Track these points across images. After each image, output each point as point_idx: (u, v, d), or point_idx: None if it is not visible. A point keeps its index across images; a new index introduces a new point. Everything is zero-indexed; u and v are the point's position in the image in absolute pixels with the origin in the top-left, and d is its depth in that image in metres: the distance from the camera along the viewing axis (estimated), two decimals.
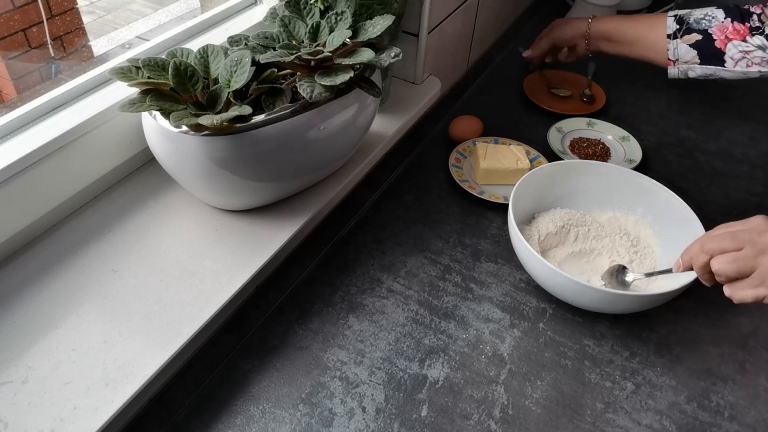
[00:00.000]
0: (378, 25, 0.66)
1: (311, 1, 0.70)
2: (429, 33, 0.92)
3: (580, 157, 0.97)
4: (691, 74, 0.85)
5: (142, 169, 0.77)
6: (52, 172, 0.66)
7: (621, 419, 0.64)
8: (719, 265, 0.58)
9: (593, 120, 1.05)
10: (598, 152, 0.99)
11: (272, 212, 0.74)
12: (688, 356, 0.71)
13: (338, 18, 0.67)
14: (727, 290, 0.59)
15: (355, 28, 0.67)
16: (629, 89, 1.16)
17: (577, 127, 1.04)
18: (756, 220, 0.59)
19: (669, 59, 0.86)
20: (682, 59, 0.85)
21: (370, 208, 0.88)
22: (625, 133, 1.02)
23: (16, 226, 0.65)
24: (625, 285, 0.72)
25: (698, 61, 0.84)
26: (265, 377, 0.66)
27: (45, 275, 0.64)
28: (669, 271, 0.67)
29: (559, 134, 1.02)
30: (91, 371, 0.57)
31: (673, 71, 0.88)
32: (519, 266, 0.79)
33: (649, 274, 0.71)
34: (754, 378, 0.69)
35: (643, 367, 0.69)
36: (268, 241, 0.70)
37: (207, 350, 0.65)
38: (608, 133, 1.03)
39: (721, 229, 0.61)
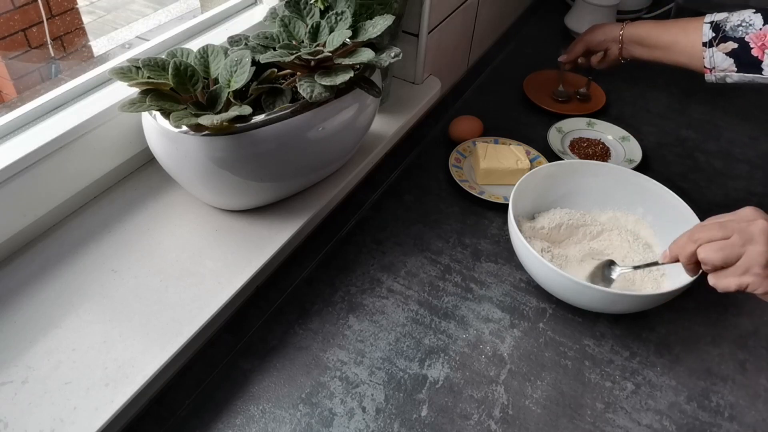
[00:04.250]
0: (378, 25, 0.66)
1: (311, 1, 0.70)
2: (429, 33, 0.92)
3: (580, 157, 0.97)
4: (729, 80, 0.84)
5: (142, 169, 0.77)
6: (52, 172, 0.66)
7: (621, 419, 0.64)
8: (705, 253, 0.58)
9: (593, 120, 1.05)
10: (598, 152, 0.99)
11: (272, 212, 0.74)
12: (688, 356, 0.71)
13: (338, 18, 0.67)
14: (712, 279, 0.59)
15: (355, 28, 0.67)
16: (629, 89, 1.16)
17: (577, 127, 1.04)
18: (746, 211, 0.59)
19: (705, 67, 0.85)
20: (719, 67, 0.83)
21: (370, 208, 0.88)
22: (625, 133, 1.02)
23: (16, 226, 0.65)
24: (610, 280, 0.72)
25: (735, 69, 0.83)
26: (265, 377, 0.66)
27: (45, 275, 0.64)
28: (656, 263, 0.67)
29: (559, 134, 1.02)
30: (91, 371, 0.57)
31: (710, 78, 0.86)
32: (519, 266, 0.79)
33: (636, 267, 0.71)
34: (754, 378, 0.69)
35: (643, 367, 0.69)
36: (268, 241, 0.70)
37: (207, 350, 0.65)
38: (608, 133, 1.03)
39: (712, 220, 0.61)
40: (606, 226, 0.81)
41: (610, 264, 0.73)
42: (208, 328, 0.62)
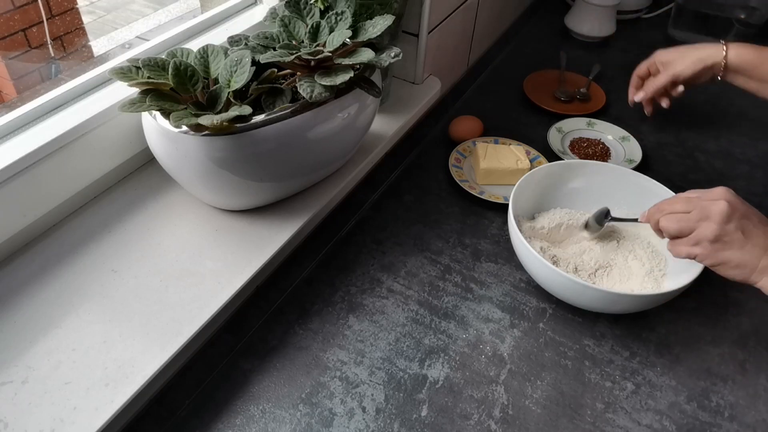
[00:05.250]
0: (378, 25, 0.66)
1: (311, 1, 0.70)
2: (429, 33, 0.92)
3: (580, 157, 0.97)
4: None
5: (142, 169, 0.77)
6: (52, 172, 0.66)
7: (621, 419, 0.64)
8: (664, 222, 0.65)
9: (593, 120, 1.04)
10: (598, 152, 0.98)
11: (272, 212, 0.74)
12: (688, 356, 0.71)
13: (338, 18, 0.67)
14: (668, 245, 0.66)
15: (355, 28, 0.67)
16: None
17: (577, 127, 1.04)
18: (716, 190, 0.63)
19: None
20: None
21: (370, 208, 0.88)
22: (625, 133, 1.01)
23: (16, 226, 0.65)
24: (596, 228, 0.78)
25: None
26: (265, 377, 0.66)
27: (45, 275, 0.64)
28: (635, 219, 0.73)
29: (559, 134, 1.01)
30: (91, 371, 0.57)
31: None
32: (519, 266, 0.79)
33: (617, 219, 0.78)
34: (754, 378, 0.69)
35: (643, 367, 0.69)
36: (268, 241, 0.70)
37: (207, 350, 0.65)
38: (608, 133, 1.03)
39: (683, 195, 0.66)
40: (606, 226, 0.81)
41: (606, 214, 0.77)
42: (208, 328, 0.62)
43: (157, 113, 0.62)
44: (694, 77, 0.89)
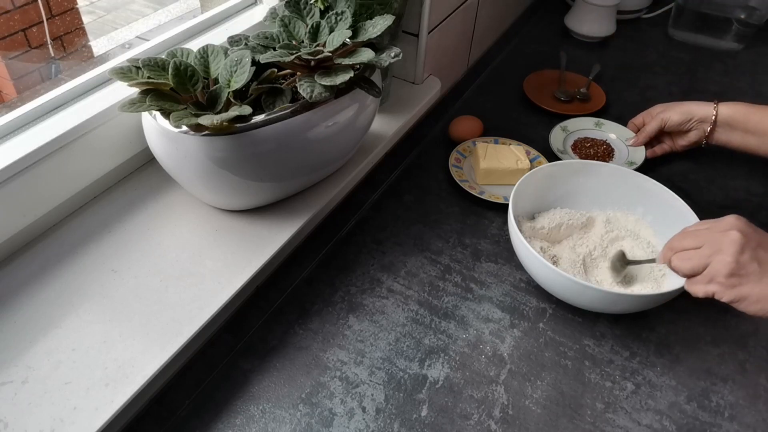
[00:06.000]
0: (378, 25, 0.66)
1: (311, 1, 0.70)
2: (429, 33, 0.92)
3: (581, 157, 0.96)
4: None
5: (142, 169, 0.77)
6: (52, 172, 0.66)
7: (621, 419, 0.64)
8: (675, 263, 0.63)
9: (602, 120, 1.03)
10: (601, 153, 0.97)
11: (272, 212, 0.74)
12: (688, 356, 0.71)
13: (338, 18, 0.67)
14: (686, 284, 0.63)
15: (355, 28, 0.67)
16: (629, 90, 1.16)
17: (583, 126, 1.02)
18: (727, 220, 0.61)
19: None
20: None
21: (370, 208, 0.88)
22: (632, 135, 0.99)
23: (16, 226, 0.65)
24: (620, 271, 0.75)
25: None
26: (265, 377, 0.66)
27: (45, 275, 0.64)
28: (653, 260, 0.71)
29: (563, 133, 1.00)
30: (91, 371, 0.57)
31: None
32: (519, 266, 0.79)
33: (635, 262, 0.74)
34: (754, 378, 0.69)
35: (643, 367, 0.69)
36: (268, 241, 0.70)
37: (207, 350, 0.65)
38: (614, 132, 1.01)
39: (692, 228, 0.64)
40: (606, 226, 0.81)
41: (622, 256, 0.75)
42: (208, 328, 0.62)
43: (157, 113, 0.62)
44: (680, 125, 0.92)
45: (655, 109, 0.96)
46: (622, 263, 0.74)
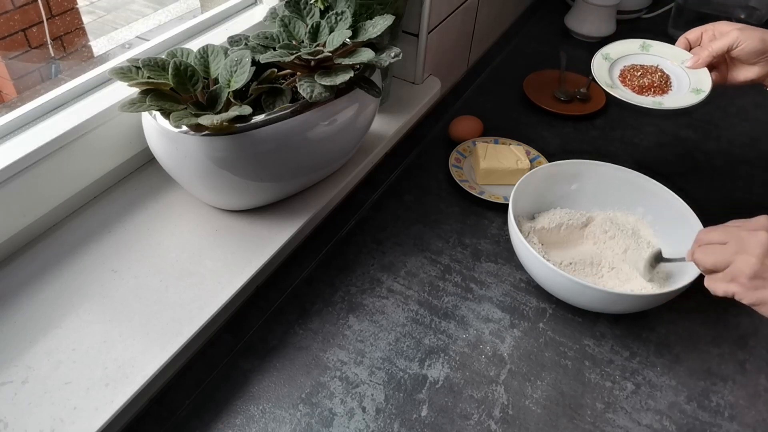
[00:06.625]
0: (378, 25, 0.66)
1: (311, 1, 0.70)
2: (429, 33, 0.92)
3: (633, 90, 0.80)
4: None
5: (142, 169, 0.77)
6: (52, 172, 0.66)
7: (621, 419, 0.64)
8: (698, 255, 0.60)
9: (648, 42, 0.85)
10: (656, 82, 0.80)
11: (272, 212, 0.74)
12: (688, 356, 0.71)
13: (338, 18, 0.67)
14: (706, 281, 0.60)
15: (355, 28, 0.67)
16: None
17: (628, 51, 0.84)
18: (760, 220, 0.58)
19: None
20: None
21: (370, 208, 0.88)
22: (687, 57, 0.80)
23: (16, 226, 0.65)
24: (651, 271, 0.73)
25: None
26: (265, 377, 0.66)
27: (45, 275, 0.64)
28: (683, 259, 0.67)
29: (606, 62, 0.83)
30: (91, 371, 0.57)
31: None
32: (519, 266, 0.79)
33: (667, 260, 0.72)
34: (754, 378, 0.69)
35: (643, 367, 0.69)
36: (268, 241, 0.70)
37: (207, 350, 0.65)
38: (668, 57, 0.83)
39: (723, 225, 0.61)
40: (606, 226, 0.81)
41: (659, 254, 0.72)
42: (208, 328, 0.62)
43: (157, 113, 0.62)
44: (754, 55, 0.73)
45: (722, 25, 0.77)
46: (656, 261, 0.72)
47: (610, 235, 0.80)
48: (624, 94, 0.78)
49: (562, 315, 0.74)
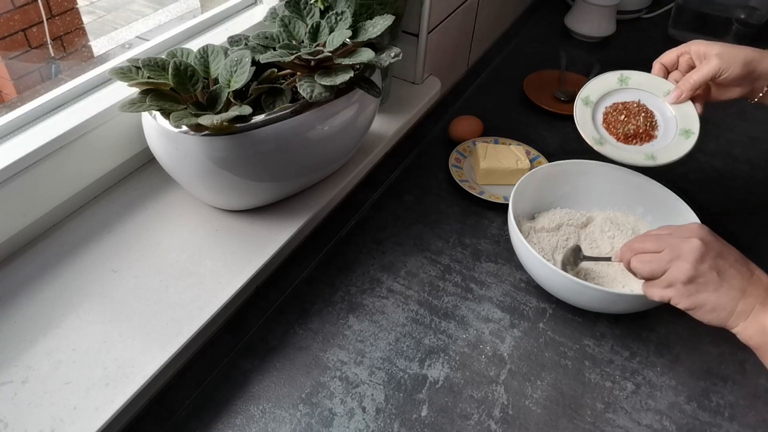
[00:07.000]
0: (378, 25, 0.66)
1: (311, 1, 0.70)
2: (429, 33, 0.92)
3: (619, 139, 0.74)
4: None
5: (142, 169, 0.77)
6: (52, 172, 0.66)
7: (621, 419, 0.64)
8: (634, 264, 0.62)
9: (626, 73, 0.78)
10: (641, 126, 0.74)
11: (272, 212, 0.74)
12: (688, 356, 0.71)
13: (338, 18, 0.67)
14: (643, 287, 0.62)
15: (355, 28, 0.67)
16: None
17: (607, 88, 0.78)
18: (690, 227, 0.60)
19: None
20: None
21: (370, 208, 0.88)
22: (669, 86, 0.74)
23: (16, 226, 0.65)
24: (573, 266, 0.74)
25: None
26: (265, 377, 0.66)
27: (45, 275, 0.64)
28: (609, 258, 0.70)
29: (588, 108, 0.76)
30: (91, 371, 0.57)
31: None
32: (519, 266, 0.79)
33: (590, 258, 0.74)
34: (754, 378, 0.69)
35: (643, 367, 0.69)
36: (268, 241, 0.70)
37: (207, 350, 0.65)
38: (648, 89, 0.76)
39: (655, 231, 0.63)
40: (606, 226, 0.81)
41: (577, 250, 0.75)
42: (208, 328, 0.62)
43: (157, 113, 0.62)
44: (737, 81, 0.70)
45: (698, 45, 0.71)
46: (577, 259, 0.74)
47: (609, 235, 0.80)
48: (613, 151, 0.73)
49: (562, 315, 0.74)
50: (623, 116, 0.75)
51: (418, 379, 0.67)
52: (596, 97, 0.77)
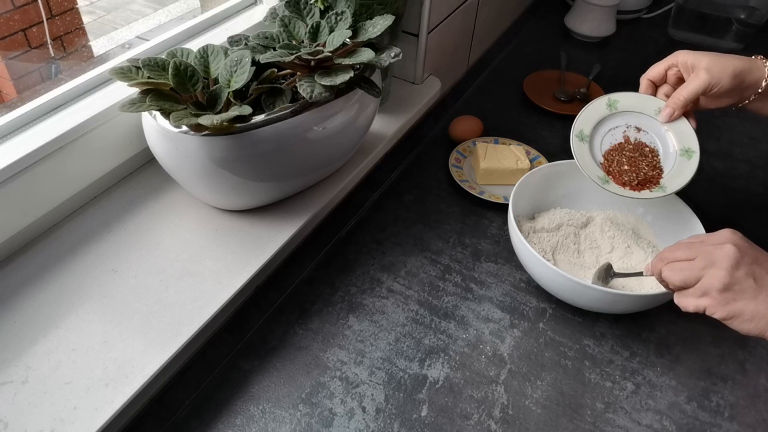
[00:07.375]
0: (378, 25, 0.66)
1: (311, 1, 0.70)
2: (429, 33, 0.92)
3: (626, 187, 0.71)
4: None
5: (142, 169, 0.77)
6: (53, 171, 0.66)
7: (621, 419, 0.64)
8: (666, 273, 0.59)
9: (613, 97, 0.75)
10: (647, 170, 0.71)
11: (272, 212, 0.74)
12: (688, 356, 0.71)
13: (338, 18, 0.67)
14: (675, 298, 0.59)
15: (355, 28, 0.67)
16: (629, 90, 1.16)
17: (598, 117, 0.75)
18: (721, 234, 0.58)
19: None
20: None
21: (370, 208, 0.88)
22: (659, 103, 0.72)
23: (16, 226, 0.65)
24: (607, 281, 0.73)
25: None
26: (265, 377, 0.66)
27: (45, 275, 0.64)
28: (641, 273, 0.68)
29: (584, 144, 0.74)
30: (91, 371, 0.57)
31: None
32: (519, 266, 0.79)
33: (621, 275, 0.71)
34: (754, 378, 0.69)
35: (643, 367, 0.69)
36: (268, 241, 0.70)
37: (207, 350, 0.65)
38: (638, 110, 0.73)
39: (686, 240, 0.61)
40: (606, 226, 0.81)
41: (608, 268, 0.73)
42: (208, 328, 0.62)
43: (157, 113, 0.62)
44: (727, 94, 0.68)
45: (684, 56, 0.70)
46: (608, 276, 0.73)
47: (609, 235, 0.80)
48: (620, 190, 0.71)
49: (562, 315, 0.74)
50: (626, 167, 0.72)
51: (418, 379, 0.67)
52: (589, 129, 0.75)
